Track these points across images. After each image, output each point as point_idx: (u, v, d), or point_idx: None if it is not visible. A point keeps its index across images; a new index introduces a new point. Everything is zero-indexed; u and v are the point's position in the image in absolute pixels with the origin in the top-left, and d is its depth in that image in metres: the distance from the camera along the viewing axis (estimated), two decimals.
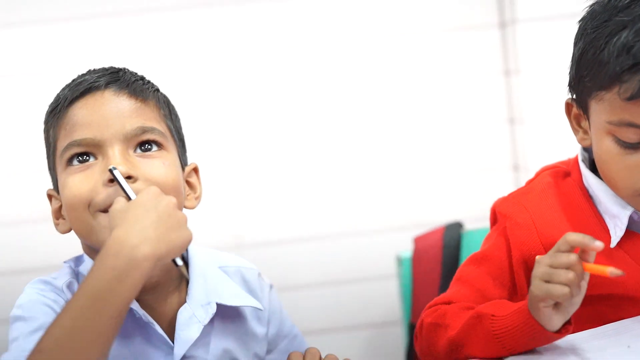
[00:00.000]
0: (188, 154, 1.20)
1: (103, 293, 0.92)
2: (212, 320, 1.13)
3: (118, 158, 1.07)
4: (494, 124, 2.01)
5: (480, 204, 1.97)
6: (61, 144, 1.10)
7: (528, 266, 1.14)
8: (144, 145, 1.10)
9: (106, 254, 0.94)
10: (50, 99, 1.16)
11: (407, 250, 1.72)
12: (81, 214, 1.07)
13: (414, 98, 2.00)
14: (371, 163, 2.00)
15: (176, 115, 1.18)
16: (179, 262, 1.02)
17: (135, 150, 1.09)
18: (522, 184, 1.27)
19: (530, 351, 1.04)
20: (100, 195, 1.06)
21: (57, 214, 1.15)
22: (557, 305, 0.98)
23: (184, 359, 1.10)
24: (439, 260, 1.62)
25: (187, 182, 1.18)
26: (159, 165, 1.09)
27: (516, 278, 1.15)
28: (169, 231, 0.97)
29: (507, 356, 1.04)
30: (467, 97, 2.01)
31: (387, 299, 1.94)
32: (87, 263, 1.11)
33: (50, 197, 1.17)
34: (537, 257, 1.02)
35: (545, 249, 1.13)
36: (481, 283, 1.15)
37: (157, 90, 1.17)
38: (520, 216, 1.16)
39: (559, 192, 1.17)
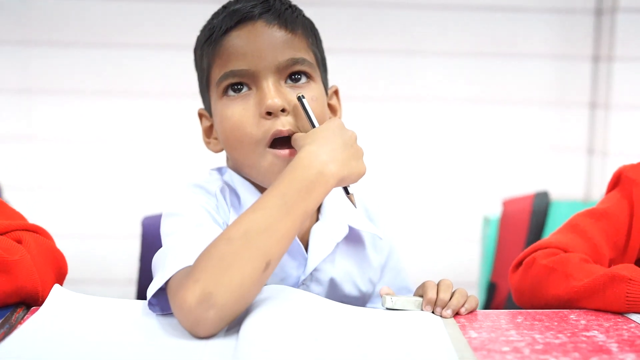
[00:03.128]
0: None
1: (292, 198, 0.98)
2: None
3: (272, 91, 1.10)
4: (576, 110, 2.09)
5: (553, 181, 2.06)
6: (216, 73, 1.13)
7: None
8: (294, 75, 1.13)
9: (297, 165, 1.01)
10: None
11: (493, 213, 1.78)
12: (242, 146, 1.12)
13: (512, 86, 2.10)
14: (467, 137, 2.11)
15: (320, 40, 1.21)
16: (351, 190, 1.08)
17: (285, 81, 1.12)
18: (596, 167, 1.28)
19: None
20: (258, 127, 1.10)
21: (208, 133, 1.20)
22: None
23: (314, 271, 1.16)
24: (526, 224, 1.68)
25: (329, 105, 1.21)
26: (309, 99, 1.12)
27: (631, 243, 1.18)
28: (351, 159, 1.04)
29: (626, 313, 1.06)
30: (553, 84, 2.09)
31: (467, 260, 2.01)
32: (230, 174, 1.17)
33: (200, 116, 1.21)
34: None
35: None
36: (597, 238, 1.18)
37: (304, 16, 1.18)
38: None
39: None
